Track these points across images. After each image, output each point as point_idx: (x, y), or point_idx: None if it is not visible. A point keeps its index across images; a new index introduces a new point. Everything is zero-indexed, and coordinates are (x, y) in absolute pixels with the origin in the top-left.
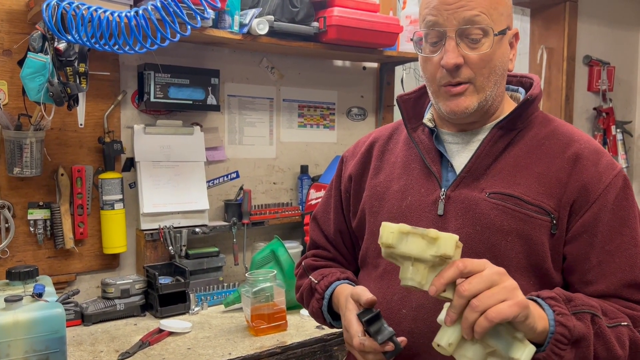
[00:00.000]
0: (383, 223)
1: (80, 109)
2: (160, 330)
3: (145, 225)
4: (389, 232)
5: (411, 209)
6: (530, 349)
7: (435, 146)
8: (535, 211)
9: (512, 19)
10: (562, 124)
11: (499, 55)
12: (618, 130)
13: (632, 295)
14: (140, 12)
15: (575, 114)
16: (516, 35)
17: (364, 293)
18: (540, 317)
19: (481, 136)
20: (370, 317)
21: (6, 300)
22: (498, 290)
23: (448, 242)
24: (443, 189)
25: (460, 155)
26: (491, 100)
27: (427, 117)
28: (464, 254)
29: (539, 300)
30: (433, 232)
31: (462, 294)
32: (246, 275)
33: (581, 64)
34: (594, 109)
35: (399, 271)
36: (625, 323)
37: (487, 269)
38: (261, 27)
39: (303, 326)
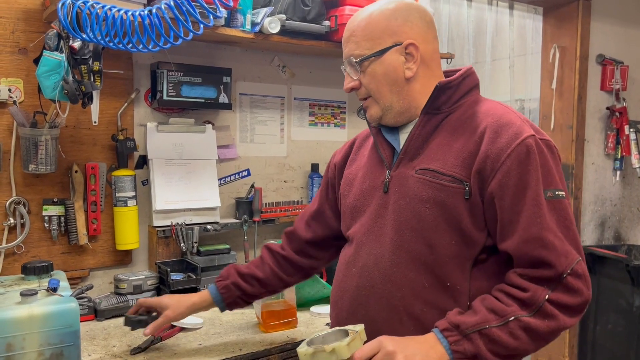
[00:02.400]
0: (297, 349)
1: (94, 107)
2: (172, 326)
3: (158, 222)
4: (303, 355)
5: (368, 190)
6: None
7: (386, 138)
8: (449, 180)
9: (402, 34)
10: (486, 103)
11: (384, 69)
12: (631, 129)
13: (532, 250)
14: (154, 11)
15: (587, 113)
16: (412, 45)
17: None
18: (439, 354)
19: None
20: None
21: (22, 294)
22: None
23: (342, 350)
24: (388, 171)
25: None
26: (399, 103)
27: None
28: (400, 223)
29: (437, 332)
30: (328, 347)
31: None
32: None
33: (594, 63)
34: (607, 108)
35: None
36: (512, 317)
37: (380, 352)
38: (273, 25)
39: (313, 323)
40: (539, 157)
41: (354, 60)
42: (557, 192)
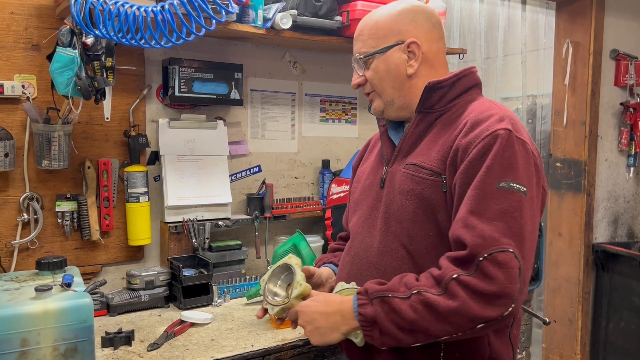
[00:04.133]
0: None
1: (107, 103)
2: (182, 322)
3: (170, 218)
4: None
5: (369, 186)
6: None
7: (389, 137)
8: (428, 174)
9: (406, 33)
10: (478, 101)
11: (387, 66)
12: None
13: (454, 230)
14: (166, 6)
15: (601, 109)
16: (414, 44)
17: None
18: (347, 319)
19: None
20: None
21: (37, 289)
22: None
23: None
24: (385, 167)
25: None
26: (401, 99)
27: None
28: (389, 215)
29: (354, 295)
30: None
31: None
32: (268, 268)
33: (608, 58)
34: (621, 104)
35: (360, 240)
36: (416, 291)
37: (299, 320)
38: (284, 21)
39: None
40: (505, 148)
41: (359, 56)
42: (512, 184)
